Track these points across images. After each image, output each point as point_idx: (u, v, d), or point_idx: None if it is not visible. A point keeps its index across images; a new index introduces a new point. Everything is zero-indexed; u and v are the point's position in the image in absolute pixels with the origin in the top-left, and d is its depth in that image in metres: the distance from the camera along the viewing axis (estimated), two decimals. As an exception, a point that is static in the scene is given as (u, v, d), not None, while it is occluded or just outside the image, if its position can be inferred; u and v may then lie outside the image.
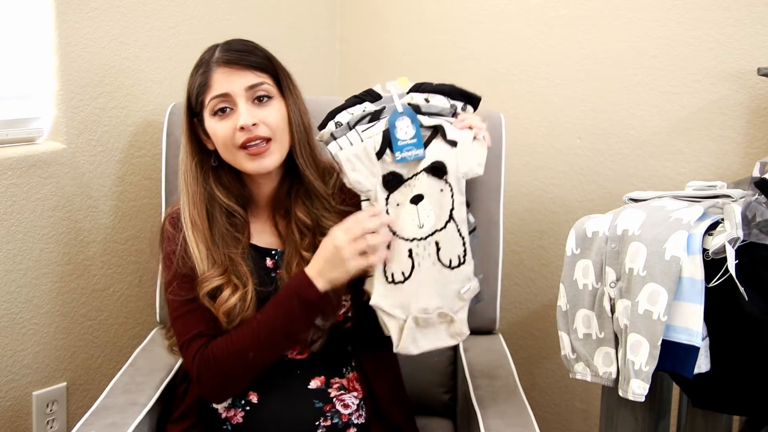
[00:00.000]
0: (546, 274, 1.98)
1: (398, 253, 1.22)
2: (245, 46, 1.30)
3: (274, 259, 1.33)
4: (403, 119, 1.21)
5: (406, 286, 1.22)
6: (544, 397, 2.02)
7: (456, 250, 1.23)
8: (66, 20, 1.63)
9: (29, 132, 1.64)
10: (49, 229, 1.65)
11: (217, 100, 1.26)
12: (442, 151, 1.22)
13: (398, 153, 1.20)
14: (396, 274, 1.22)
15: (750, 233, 1.15)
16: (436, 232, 1.22)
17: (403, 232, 1.22)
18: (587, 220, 1.32)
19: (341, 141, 1.21)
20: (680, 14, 1.71)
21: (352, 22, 2.22)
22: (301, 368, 1.31)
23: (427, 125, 1.22)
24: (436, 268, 1.23)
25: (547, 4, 1.88)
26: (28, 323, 1.65)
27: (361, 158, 1.20)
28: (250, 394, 1.29)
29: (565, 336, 1.34)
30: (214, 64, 1.28)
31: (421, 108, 1.23)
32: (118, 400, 1.38)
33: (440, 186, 1.22)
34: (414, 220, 1.22)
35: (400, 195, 1.22)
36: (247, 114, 1.24)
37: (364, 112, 1.22)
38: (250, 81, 1.26)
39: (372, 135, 1.21)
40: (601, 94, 1.84)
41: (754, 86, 1.64)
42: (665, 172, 1.77)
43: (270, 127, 1.26)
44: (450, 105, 1.25)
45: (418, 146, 1.20)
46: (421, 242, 1.22)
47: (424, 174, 1.22)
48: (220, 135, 1.26)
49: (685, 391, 1.34)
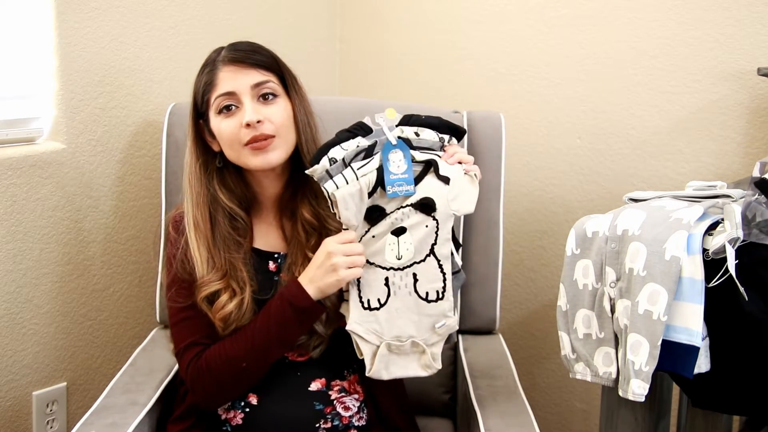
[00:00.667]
0: (546, 274, 1.98)
1: (375, 281, 1.22)
2: (251, 45, 1.31)
3: (277, 263, 1.33)
4: (396, 152, 1.21)
5: (381, 313, 1.23)
6: (544, 397, 2.02)
7: (434, 285, 1.23)
8: (66, 20, 1.63)
9: (29, 132, 1.64)
10: (49, 229, 1.65)
11: (222, 97, 1.27)
12: (433, 188, 1.22)
13: (389, 187, 1.20)
14: (372, 300, 1.23)
15: (750, 233, 1.15)
16: (414, 264, 1.22)
17: (381, 261, 1.22)
18: (587, 220, 1.32)
19: (338, 179, 1.19)
20: (680, 14, 1.71)
21: (352, 22, 2.22)
22: (302, 370, 1.31)
23: (419, 160, 1.22)
24: (412, 299, 1.23)
25: (547, 4, 1.88)
26: (28, 323, 1.65)
27: (355, 198, 1.19)
28: (250, 396, 1.29)
29: (565, 336, 1.34)
30: (220, 63, 1.29)
31: (412, 142, 1.23)
32: (118, 400, 1.38)
33: (426, 221, 1.22)
34: (393, 251, 1.22)
35: (378, 228, 1.22)
36: (252, 111, 1.24)
37: (358, 148, 1.21)
38: (255, 79, 1.27)
39: (367, 173, 1.20)
40: (601, 94, 1.84)
41: (754, 86, 1.64)
42: (665, 172, 1.77)
43: (275, 124, 1.26)
44: (438, 138, 1.25)
45: (408, 182, 1.20)
46: (398, 272, 1.23)
47: (411, 209, 1.21)
48: (226, 133, 1.26)
49: (685, 391, 1.34)
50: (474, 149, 1.63)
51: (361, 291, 1.23)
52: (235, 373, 1.23)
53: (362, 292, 1.23)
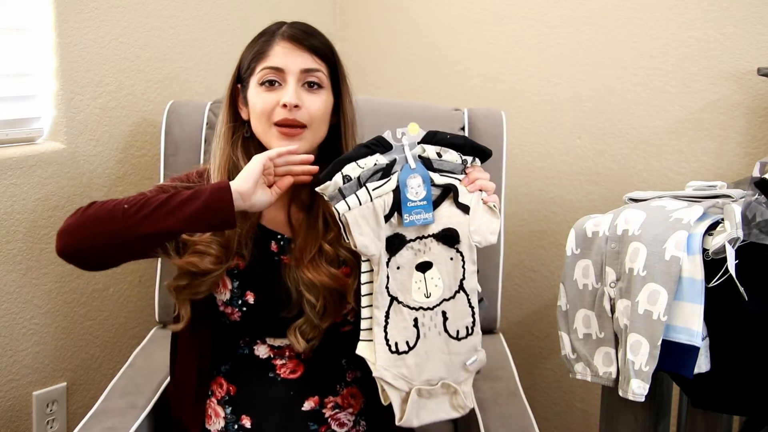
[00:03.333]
0: (546, 274, 1.98)
1: (403, 322, 1.13)
2: (312, 29, 1.28)
3: (279, 244, 1.29)
4: (415, 177, 1.12)
5: (410, 357, 1.14)
6: (544, 397, 2.02)
7: (464, 321, 1.16)
8: (66, 20, 1.63)
9: (29, 132, 1.64)
10: (49, 229, 1.65)
11: (269, 70, 1.23)
12: (453, 217, 1.14)
13: (407, 215, 1.12)
14: (400, 343, 1.14)
15: (750, 233, 1.15)
16: (444, 301, 1.15)
17: (408, 300, 1.14)
18: (587, 220, 1.32)
19: (350, 200, 1.10)
20: (680, 14, 1.71)
21: (352, 22, 2.22)
22: (295, 389, 1.28)
23: (438, 184, 1.14)
24: (442, 339, 1.15)
25: (547, 4, 1.88)
26: (28, 323, 1.64)
27: (369, 220, 1.11)
28: (243, 419, 1.27)
29: (565, 336, 1.34)
30: (278, 36, 1.25)
31: (433, 163, 1.14)
32: (117, 403, 1.37)
33: (450, 254, 1.14)
34: (421, 289, 1.14)
35: (402, 258, 1.13)
36: (293, 93, 1.21)
37: (376, 166, 1.12)
38: (307, 64, 1.24)
39: (382, 194, 1.12)
40: (601, 94, 1.84)
41: (754, 86, 1.64)
42: (665, 172, 1.77)
43: (310, 115, 1.23)
44: (462, 160, 1.16)
45: (427, 209, 1.12)
46: (428, 312, 1.14)
47: (433, 241, 1.14)
48: (260, 105, 1.23)
49: (685, 391, 1.34)
50: (475, 148, 1.62)
51: (387, 333, 1.13)
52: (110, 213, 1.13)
53: (389, 334, 1.13)
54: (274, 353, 1.28)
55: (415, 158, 1.13)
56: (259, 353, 1.28)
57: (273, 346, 1.28)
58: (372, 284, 1.14)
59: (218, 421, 1.28)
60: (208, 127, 1.66)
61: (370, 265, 1.13)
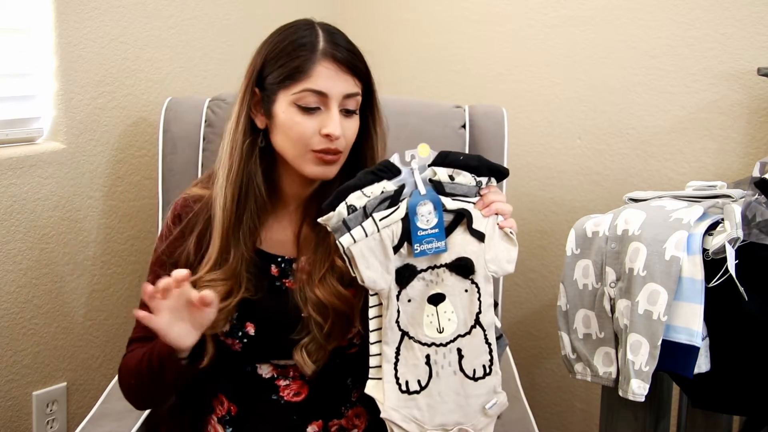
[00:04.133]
0: (546, 274, 1.98)
1: (414, 359, 1.05)
2: (353, 47, 1.19)
3: (280, 267, 1.23)
4: (426, 204, 1.04)
5: (421, 397, 1.05)
6: (544, 397, 2.02)
7: (481, 359, 1.06)
8: (66, 20, 1.63)
9: (29, 132, 1.64)
10: (49, 229, 1.65)
11: (310, 93, 1.14)
12: (467, 245, 1.06)
13: (417, 245, 1.03)
14: (411, 382, 1.05)
15: (750, 233, 1.15)
16: (458, 337, 1.06)
17: (420, 336, 1.05)
18: (587, 220, 1.32)
19: (356, 232, 1.02)
20: (680, 14, 1.70)
21: (352, 22, 2.22)
22: (298, 413, 1.22)
23: (450, 209, 1.06)
24: (457, 379, 1.06)
25: (547, 4, 1.88)
26: (28, 323, 1.64)
27: (376, 253, 1.03)
28: None
29: (565, 336, 1.34)
30: (320, 55, 1.14)
31: (445, 187, 1.06)
32: (116, 406, 1.36)
33: (465, 286, 1.06)
34: (433, 323, 1.05)
35: (413, 290, 1.05)
36: (339, 125, 1.14)
37: (383, 194, 1.04)
38: (350, 89, 1.16)
39: (390, 224, 1.04)
40: (601, 94, 1.84)
41: (754, 86, 1.64)
42: (665, 172, 1.77)
43: (347, 140, 1.17)
44: (476, 182, 1.07)
45: (439, 238, 1.04)
46: (441, 348, 1.05)
47: (446, 271, 1.05)
48: (298, 131, 1.14)
49: (685, 391, 1.34)
50: (476, 144, 1.62)
51: (398, 371, 1.05)
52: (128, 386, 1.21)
53: (399, 371, 1.05)
54: (278, 373, 1.23)
55: (425, 182, 1.05)
56: (262, 372, 1.23)
57: (277, 366, 1.23)
58: (381, 319, 1.06)
59: None
60: (206, 124, 1.65)
61: (378, 299, 1.05)
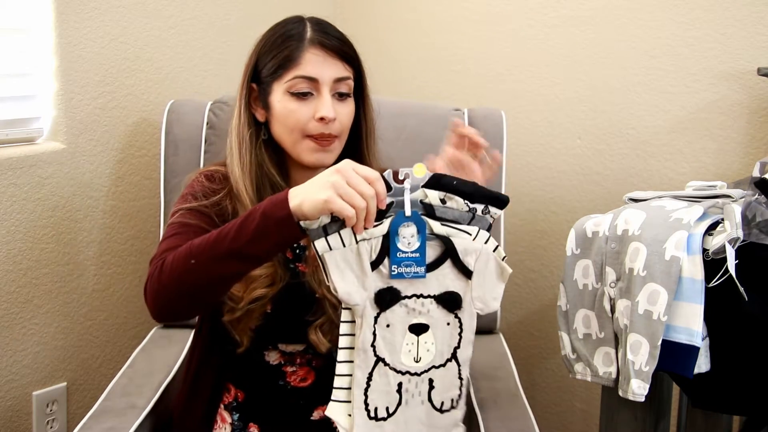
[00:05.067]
0: (546, 274, 1.98)
1: (386, 386, 1.04)
2: (340, 33, 1.23)
3: (294, 252, 1.25)
4: (409, 226, 1.01)
5: (388, 424, 1.05)
6: (544, 397, 2.02)
7: (451, 393, 1.07)
8: (66, 20, 1.63)
9: (29, 132, 1.64)
10: (49, 229, 1.65)
11: (302, 80, 1.19)
12: (455, 280, 1.04)
13: (395, 267, 1.01)
14: (380, 409, 1.04)
15: (750, 233, 1.15)
16: (432, 368, 1.06)
17: (396, 363, 1.04)
18: (587, 220, 1.32)
19: (332, 239, 0.99)
20: (680, 14, 1.71)
21: (352, 22, 2.22)
22: (304, 398, 1.26)
23: (437, 233, 1.03)
24: (424, 408, 1.06)
25: (547, 4, 1.88)
26: (28, 323, 1.64)
27: (352, 266, 1.00)
28: (251, 426, 1.26)
29: (565, 336, 1.34)
30: (308, 42, 1.19)
31: (435, 210, 1.03)
32: (117, 403, 1.37)
33: (448, 319, 1.05)
34: (411, 352, 1.04)
35: (393, 315, 1.03)
36: (331, 107, 1.18)
37: None
38: (340, 73, 1.20)
39: (369, 237, 1.00)
40: (601, 94, 1.84)
41: (754, 86, 1.64)
42: (665, 172, 1.77)
43: (342, 125, 1.21)
44: (469, 208, 1.05)
45: (419, 263, 1.02)
46: (414, 377, 1.05)
47: (433, 302, 1.04)
48: (292, 117, 1.19)
49: (685, 391, 1.34)
50: (475, 148, 1.62)
51: (368, 396, 1.04)
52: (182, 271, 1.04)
53: (369, 398, 1.04)
54: (285, 360, 1.26)
55: (415, 203, 1.02)
56: (270, 359, 1.26)
57: (284, 353, 1.26)
58: (352, 338, 1.03)
59: (225, 426, 1.27)
60: (208, 126, 1.66)
61: (351, 315, 1.03)
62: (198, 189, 1.21)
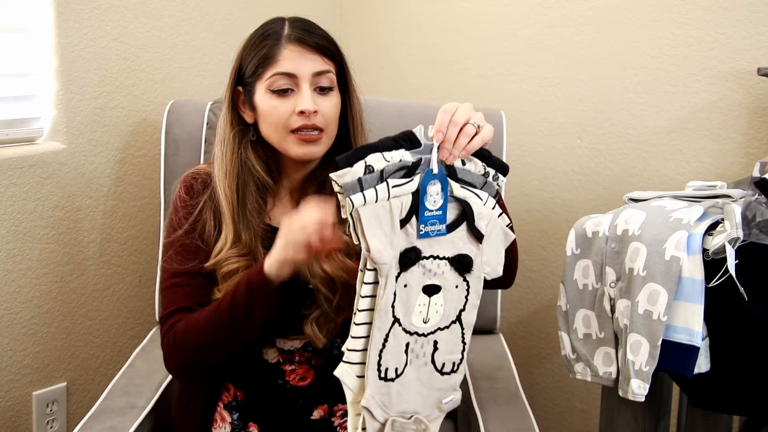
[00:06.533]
0: (546, 274, 1.98)
1: (397, 346, 1.04)
2: (318, 28, 1.25)
3: None
4: (435, 184, 1.02)
5: (395, 385, 1.05)
6: (544, 397, 2.02)
7: (453, 356, 1.09)
8: (66, 20, 1.63)
9: (29, 132, 1.64)
10: (49, 229, 1.65)
11: (280, 77, 1.20)
12: (468, 244, 1.06)
13: (422, 226, 1.01)
14: (390, 370, 1.04)
15: (750, 233, 1.15)
16: (438, 330, 1.07)
17: (407, 324, 1.04)
18: (587, 220, 1.32)
19: (368, 193, 0.98)
20: (680, 14, 1.71)
21: (352, 22, 2.22)
22: (304, 397, 1.26)
23: (456, 195, 1.05)
24: (427, 370, 1.08)
25: (547, 4, 1.88)
26: (28, 323, 1.64)
27: (383, 222, 1.00)
28: (251, 426, 1.26)
29: (565, 336, 1.34)
30: (285, 39, 1.21)
31: (457, 172, 1.05)
32: (117, 402, 1.37)
33: (457, 281, 1.06)
34: (422, 313, 1.05)
35: (411, 275, 1.03)
36: (310, 100, 1.19)
37: (401, 162, 1.01)
38: (318, 67, 1.22)
39: (401, 195, 1.01)
40: (601, 94, 1.84)
41: (754, 86, 1.64)
42: (665, 172, 1.77)
43: (326, 118, 1.22)
44: (485, 172, 1.08)
45: (442, 220, 1.03)
46: (421, 338, 1.06)
47: (447, 264, 1.05)
48: (274, 114, 1.21)
49: (685, 391, 1.34)
50: (474, 148, 1.62)
51: (382, 357, 1.03)
52: (195, 347, 1.15)
53: (383, 359, 1.03)
54: (284, 358, 1.26)
55: (439, 162, 1.03)
56: (268, 357, 1.26)
57: (282, 350, 1.26)
58: (373, 299, 1.03)
59: (224, 426, 1.27)
60: (208, 127, 1.66)
61: (375, 276, 1.02)
62: (180, 210, 1.26)
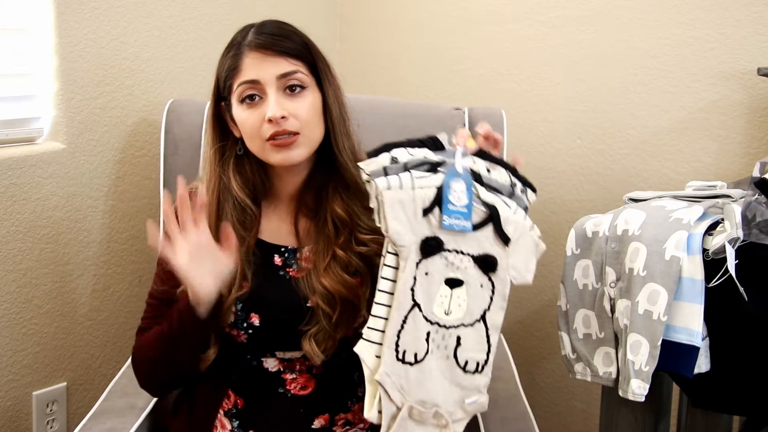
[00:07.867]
0: (546, 274, 1.97)
1: (417, 332, 1.06)
2: (281, 29, 1.22)
3: (283, 257, 1.25)
4: (459, 182, 1.05)
5: (413, 369, 1.06)
6: (544, 398, 2.02)
7: (477, 355, 1.09)
8: (66, 20, 1.63)
9: (29, 132, 1.64)
10: (49, 229, 1.65)
11: (245, 86, 1.18)
12: (494, 245, 1.08)
13: (446, 217, 1.05)
14: (408, 353, 1.06)
15: (750, 233, 1.15)
16: (461, 326, 1.08)
17: (427, 312, 1.06)
18: (587, 220, 1.32)
19: (392, 179, 1.04)
20: (680, 14, 1.70)
21: (352, 23, 2.22)
22: (305, 407, 1.23)
23: (483, 198, 1.07)
24: (448, 363, 1.08)
25: (547, 4, 1.88)
26: (28, 323, 1.64)
27: (406, 208, 1.04)
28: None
29: (565, 336, 1.34)
30: (246, 47, 1.19)
31: (482, 178, 1.08)
32: (117, 403, 1.37)
33: (482, 281, 1.08)
34: (443, 304, 1.07)
35: (433, 264, 1.06)
36: (276, 105, 1.16)
37: (424, 159, 1.06)
38: (282, 69, 1.18)
39: (425, 186, 1.05)
40: (601, 94, 1.84)
41: (754, 86, 1.64)
42: (665, 172, 1.77)
43: (300, 120, 1.18)
44: (511, 182, 1.10)
45: (467, 217, 1.06)
46: (442, 330, 1.07)
47: (471, 261, 1.07)
48: (247, 124, 1.19)
49: (685, 391, 1.34)
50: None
51: (400, 338, 1.06)
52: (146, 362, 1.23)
53: (401, 339, 1.06)
54: (284, 366, 1.24)
55: (464, 168, 1.07)
56: (268, 366, 1.24)
57: (283, 359, 1.24)
58: (392, 284, 1.06)
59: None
60: (208, 126, 1.66)
61: (396, 260, 1.06)
62: None
